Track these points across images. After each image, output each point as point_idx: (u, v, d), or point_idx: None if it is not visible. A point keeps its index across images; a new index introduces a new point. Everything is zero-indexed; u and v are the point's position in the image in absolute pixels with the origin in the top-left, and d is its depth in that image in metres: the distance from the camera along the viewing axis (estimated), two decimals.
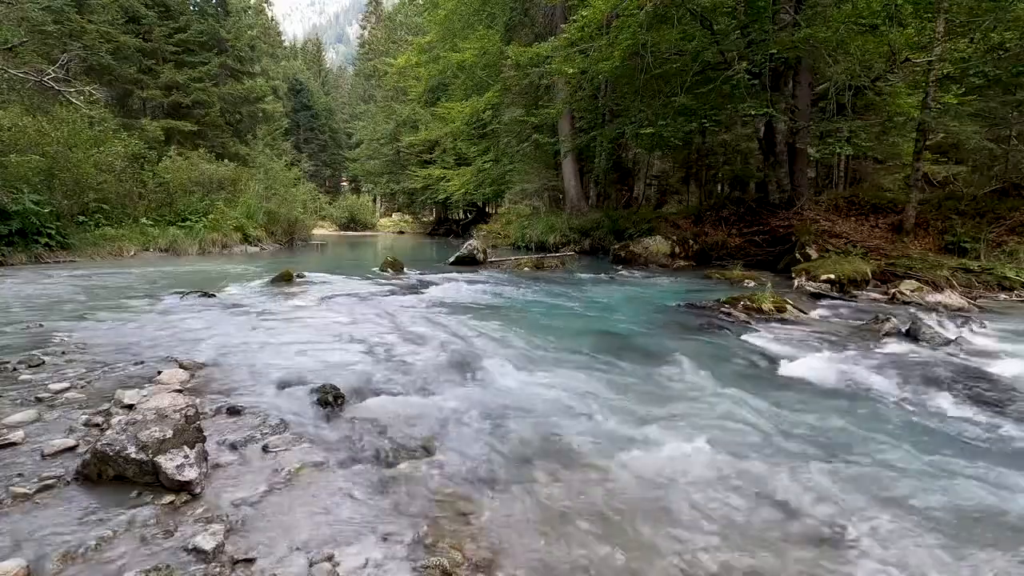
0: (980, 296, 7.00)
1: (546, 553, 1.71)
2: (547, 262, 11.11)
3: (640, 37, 10.00)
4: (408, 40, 30.12)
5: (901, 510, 2.01)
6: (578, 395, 3.11)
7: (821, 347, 4.37)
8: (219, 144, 23.15)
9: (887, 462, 2.39)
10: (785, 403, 3.07)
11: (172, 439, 1.99)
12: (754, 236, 11.28)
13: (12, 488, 1.86)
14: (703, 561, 1.70)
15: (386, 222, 44.75)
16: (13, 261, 9.38)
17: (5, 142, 10.72)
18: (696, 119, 11.12)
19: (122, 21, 20.39)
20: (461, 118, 19.58)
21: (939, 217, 9.51)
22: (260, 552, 1.62)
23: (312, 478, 2.10)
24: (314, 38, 76.50)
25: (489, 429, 2.63)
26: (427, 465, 2.25)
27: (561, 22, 14.21)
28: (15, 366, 3.18)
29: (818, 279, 7.55)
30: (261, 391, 2.97)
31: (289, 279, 7.47)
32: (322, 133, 51.66)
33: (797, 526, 1.90)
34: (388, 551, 1.67)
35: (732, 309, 5.71)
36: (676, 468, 2.28)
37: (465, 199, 29.08)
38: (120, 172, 13.53)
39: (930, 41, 8.59)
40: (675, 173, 19.26)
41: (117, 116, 17.87)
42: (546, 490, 2.10)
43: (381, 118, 37.48)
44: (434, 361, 3.67)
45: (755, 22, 9.90)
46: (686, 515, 1.95)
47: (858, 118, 10.64)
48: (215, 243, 14.40)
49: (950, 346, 4.31)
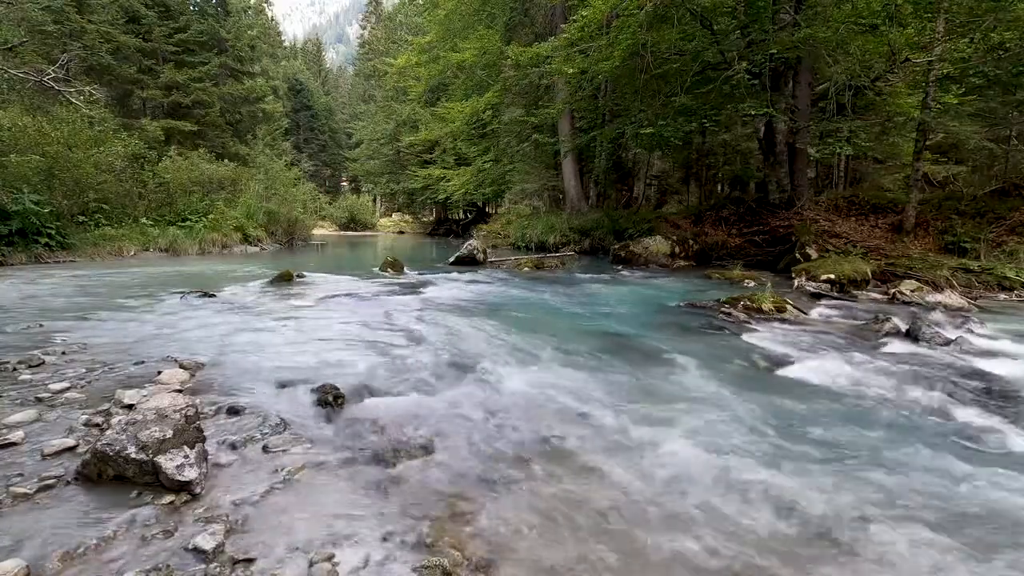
0: (980, 296, 7.00)
1: (546, 553, 1.71)
2: (547, 262, 11.11)
3: (640, 37, 10.00)
4: (408, 40, 30.04)
5: (901, 511, 2.01)
6: (578, 395, 3.11)
7: (821, 347, 4.36)
8: (219, 144, 23.14)
9: (887, 462, 2.39)
10: (785, 404, 3.07)
11: (172, 439, 1.99)
12: (754, 236, 11.28)
13: (12, 488, 1.86)
14: (703, 561, 1.70)
15: (386, 222, 44.72)
16: (13, 261, 9.38)
17: (5, 142, 10.71)
18: (696, 119, 11.11)
19: (122, 21, 20.40)
20: (461, 118, 19.56)
21: (939, 217, 9.51)
22: (260, 552, 1.63)
23: (312, 478, 2.10)
24: (314, 38, 76.50)
25: (489, 429, 2.63)
26: (427, 465, 2.25)
27: (561, 22, 14.20)
28: (15, 366, 3.18)
29: (818, 279, 7.55)
30: (261, 391, 2.97)
31: (289, 279, 7.47)
32: (322, 133, 51.65)
33: (797, 526, 1.90)
34: (388, 551, 1.67)
35: (732, 309, 5.71)
36: (676, 468, 2.28)
37: (465, 199, 29.06)
38: (120, 172, 13.52)
39: (930, 41, 8.59)
40: (675, 173, 19.26)
41: (117, 116, 17.87)
42: (546, 490, 2.10)
43: (381, 118, 37.45)
44: (434, 361, 3.67)
45: (755, 22, 9.89)
46: (686, 515, 1.95)
47: (858, 118, 10.64)
48: (215, 243, 14.39)
49: (950, 346, 4.31)
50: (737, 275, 8.73)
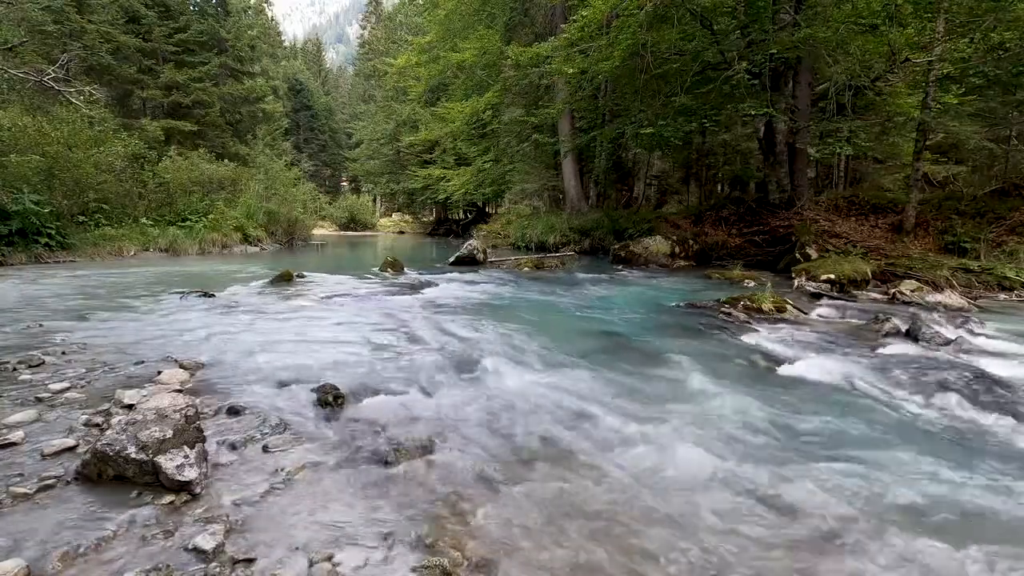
0: (980, 296, 7.00)
1: (546, 553, 1.71)
2: (547, 262, 11.11)
3: (640, 37, 10.00)
4: (408, 40, 30.03)
5: (901, 510, 2.01)
6: (578, 395, 3.11)
7: (821, 347, 4.37)
8: (219, 144, 23.15)
9: (887, 462, 2.39)
10: (785, 403, 3.07)
11: (172, 439, 1.99)
12: (754, 236, 11.28)
13: (12, 488, 1.86)
14: (703, 562, 1.70)
15: (386, 222, 44.72)
16: (13, 261, 9.38)
17: (5, 142, 10.71)
18: (696, 119, 11.12)
19: (122, 21, 20.40)
20: (461, 118, 19.56)
21: (939, 217, 9.51)
22: (260, 552, 1.63)
23: (312, 478, 2.10)
24: (314, 38, 76.51)
25: (489, 429, 2.63)
26: (427, 465, 2.25)
27: (561, 22, 14.20)
28: (15, 366, 3.18)
29: (818, 279, 7.55)
30: (261, 391, 2.97)
31: (289, 279, 7.47)
32: (322, 133, 51.64)
33: (797, 527, 1.90)
34: (388, 551, 1.67)
35: (732, 309, 5.71)
36: (676, 468, 2.28)
37: (465, 199, 29.06)
38: (120, 172, 13.53)
39: (930, 41, 8.59)
40: (675, 173, 19.26)
41: (117, 116, 17.88)
42: (546, 490, 2.10)
43: (381, 118, 37.45)
44: (434, 361, 3.67)
45: (755, 22, 9.89)
46: (686, 516, 1.94)
47: (858, 118, 10.64)
48: (215, 243, 14.39)
49: (950, 346, 4.31)
50: (737, 275, 8.73)
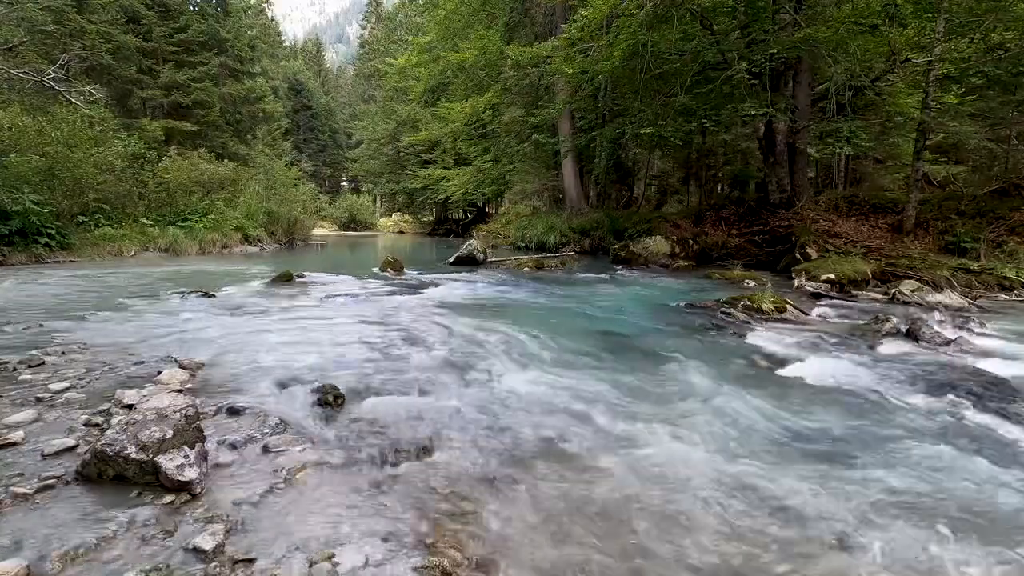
0: (980, 296, 6.99)
1: (546, 553, 1.71)
2: (547, 262, 11.11)
3: (640, 37, 10.00)
4: (408, 40, 30.01)
5: (901, 510, 2.01)
6: (578, 395, 3.11)
7: (821, 347, 4.37)
8: (219, 144, 23.11)
9: (887, 462, 2.39)
10: (785, 404, 3.07)
11: (172, 439, 1.99)
12: (754, 236, 11.28)
13: (12, 488, 1.86)
14: (703, 562, 1.70)
15: (386, 222, 44.71)
16: (13, 261, 9.38)
17: (5, 142, 10.72)
18: (696, 119, 11.12)
19: (122, 21, 20.36)
20: (461, 118, 19.56)
21: (939, 217, 9.51)
22: (260, 552, 1.63)
23: (312, 478, 2.10)
24: (314, 38, 76.50)
25: (489, 429, 2.63)
26: (427, 465, 2.25)
27: (561, 22, 14.21)
28: (15, 366, 3.18)
29: (818, 279, 7.55)
30: (261, 391, 2.97)
31: (289, 279, 7.47)
32: (322, 133, 51.63)
33: (797, 527, 1.90)
34: (388, 551, 1.67)
35: (732, 309, 5.71)
36: (676, 469, 2.28)
37: (465, 199, 29.05)
38: (120, 172, 13.53)
39: (930, 41, 8.59)
40: (675, 173, 19.26)
41: (117, 116, 17.84)
42: (546, 490, 2.10)
43: (381, 118, 37.43)
44: (434, 361, 3.67)
45: (755, 22, 9.90)
46: (686, 516, 1.94)
47: (858, 118, 10.63)
48: (215, 243, 14.40)
49: (950, 346, 4.31)
50: (737, 275, 8.73)
